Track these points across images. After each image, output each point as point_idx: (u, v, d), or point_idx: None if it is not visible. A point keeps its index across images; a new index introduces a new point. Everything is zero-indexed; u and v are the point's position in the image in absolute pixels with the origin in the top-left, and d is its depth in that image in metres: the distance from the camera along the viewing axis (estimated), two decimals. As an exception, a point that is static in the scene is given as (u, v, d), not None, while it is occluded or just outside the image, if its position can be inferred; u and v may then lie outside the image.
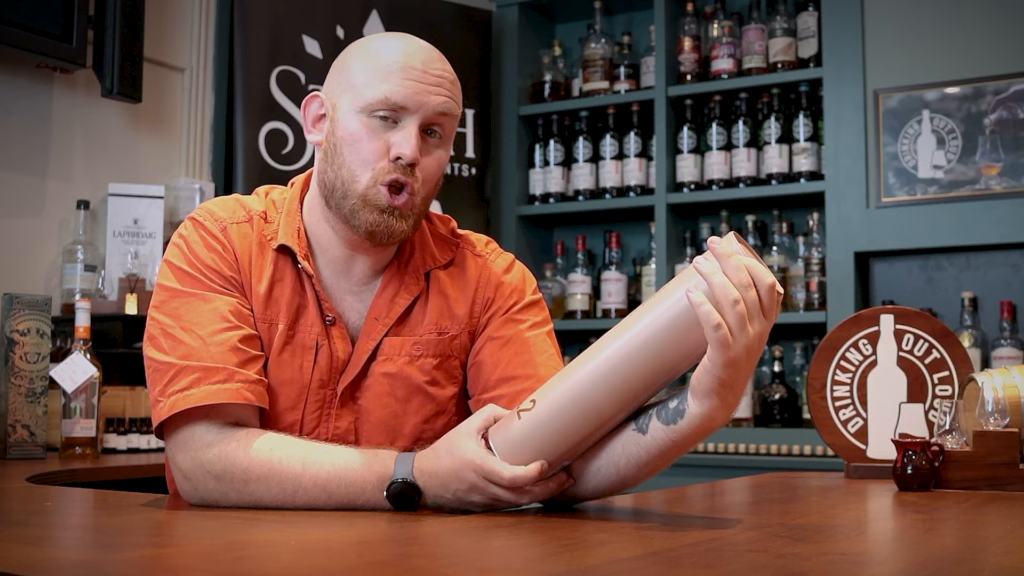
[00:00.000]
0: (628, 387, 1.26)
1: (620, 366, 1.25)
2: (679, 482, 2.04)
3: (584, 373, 1.28)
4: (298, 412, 1.49)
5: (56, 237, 3.09)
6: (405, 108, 1.45)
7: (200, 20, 3.48)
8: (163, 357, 1.42)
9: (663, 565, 1.01)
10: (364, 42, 1.54)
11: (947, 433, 1.85)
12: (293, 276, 1.52)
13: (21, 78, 3.00)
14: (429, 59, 1.50)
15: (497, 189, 3.98)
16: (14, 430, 2.39)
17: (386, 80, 1.45)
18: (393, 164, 1.46)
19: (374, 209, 1.46)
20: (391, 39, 1.52)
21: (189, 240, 1.50)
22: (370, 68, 1.47)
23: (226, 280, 1.48)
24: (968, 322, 3.26)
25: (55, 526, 1.29)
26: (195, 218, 1.52)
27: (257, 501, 1.36)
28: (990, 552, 1.19)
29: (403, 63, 1.47)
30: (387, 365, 1.52)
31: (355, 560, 1.03)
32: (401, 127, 1.46)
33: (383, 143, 1.46)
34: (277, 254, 1.51)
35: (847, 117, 3.41)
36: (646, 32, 3.90)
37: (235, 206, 1.54)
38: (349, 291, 1.54)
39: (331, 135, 1.49)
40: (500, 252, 1.65)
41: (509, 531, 1.20)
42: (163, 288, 1.48)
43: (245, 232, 1.51)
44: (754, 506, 1.64)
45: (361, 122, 1.46)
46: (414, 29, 4.11)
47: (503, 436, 1.32)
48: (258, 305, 1.49)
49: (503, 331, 1.57)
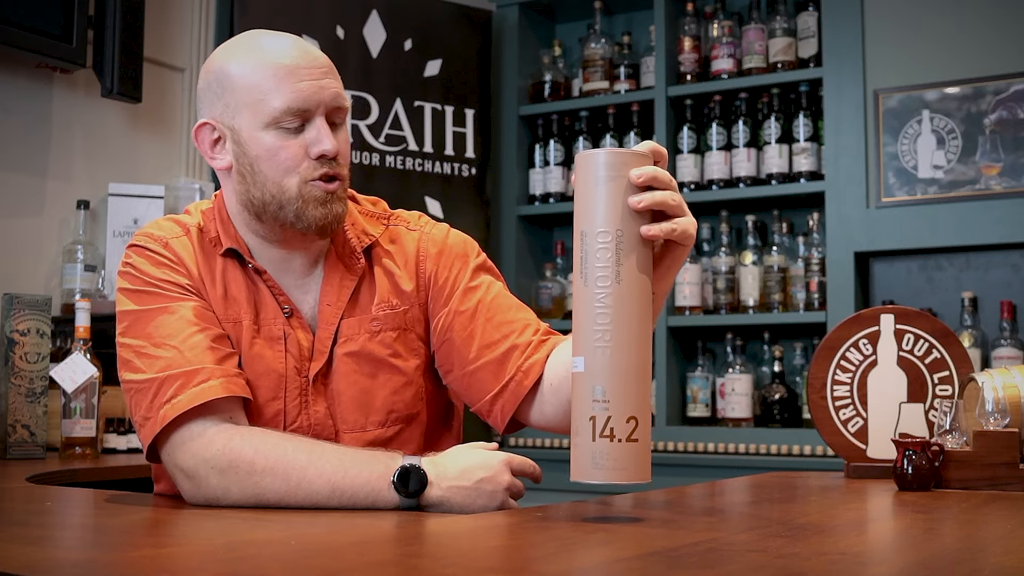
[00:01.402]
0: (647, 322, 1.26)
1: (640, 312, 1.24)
2: (679, 482, 2.04)
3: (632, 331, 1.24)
4: (280, 402, 1.52)
5: (56, 237, 3.09)
6: (307, 110, 1.49)
7: (200, 20, 3.49)
8: (142, 376, 1.45)
9: (663, 565, 1.01)
10: (231, 56, 1.53)
11: (947, 433, 1.85)
12: (243, 276, 1.56)
13: (21, 78, 3.00)
14: (306, 54, 1.52)
15: (497, 189, 3.98)
16: (14, 430, 2.39)
17: (280, 90, 1.48)
18: (317, 161, 1.50)
19: (316, 204, 1.51)
20: (258, 45, 1.52)
21: (136, 264, 1.54)
22: (258, 82, 1.49)
23: (183, 288, 1.52)
24: (968, 322, 3.26)
25: (55, 526, 1.29)
26: (135, 244, 1.57)
27: (260, 494, 1.37)
28: (990, 552, 1.19)
29: (289, 66, 1.48)
30: (349, 345, 1.56)
31: (355, 560, 1.03)
32: (310, 127, 1.50)
33: (299, 147, 1.50)
34: (223, 259, 1.56)
35: (847, 117, 3.41)
36: (646, 32, 3.90)
37: (169, 224, 1.60)
38: (294, 286, 1.58)
39: (242, 157, 1.52)
40: (434, 224, 1.69)
41: (509, 531, 1.20)
42: (125, 314, 1.51)
43: (185, 244, 1.56)
44: (754, 506, 1.64)
45: (271, 136, 1.49)
46: (414, 29, 4.09)
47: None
48: (218, 307, 1.53)
49: (466, 304, 1.60)
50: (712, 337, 3.72)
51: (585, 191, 1.23)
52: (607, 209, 1.22)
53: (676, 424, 3.61)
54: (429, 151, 3.74)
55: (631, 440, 1.21)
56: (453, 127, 3.80)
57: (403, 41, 3.72)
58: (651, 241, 1.23)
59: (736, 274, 3.62)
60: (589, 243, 1.22)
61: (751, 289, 3.57)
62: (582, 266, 1.23)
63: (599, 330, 1.21)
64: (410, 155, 3.71)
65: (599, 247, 1.22)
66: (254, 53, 1.50)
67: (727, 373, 3.58)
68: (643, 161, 1.23)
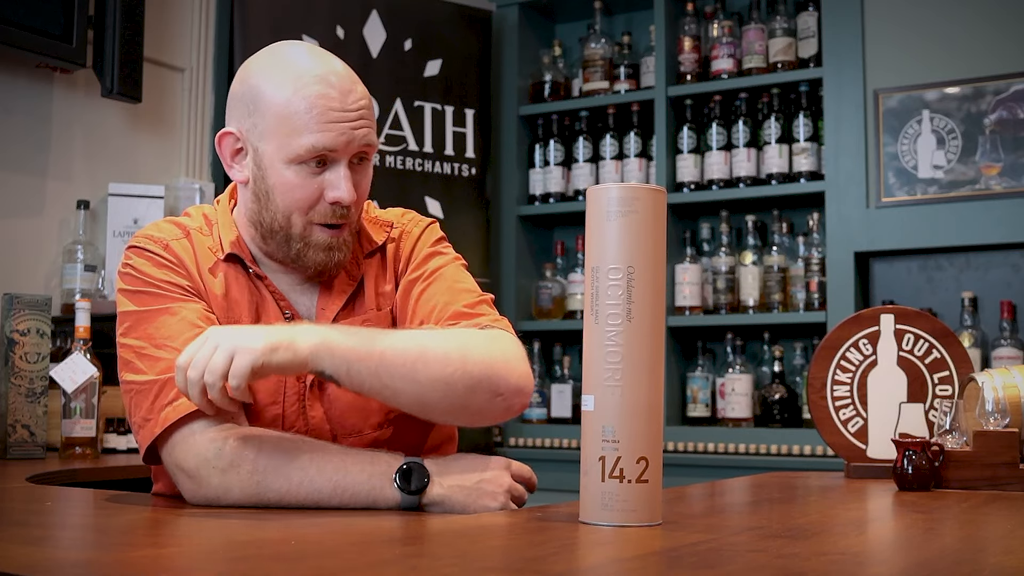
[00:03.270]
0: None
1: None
2: (679, 482, 2.04)
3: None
4: (278, 407, 1.51)
5: (56, 237, 3.09)
6: (334, 151, 1.47)
7: (200, 20, 3.48)
8: (143, 377, 1.45)
9: (663, 565, 1.01)
10: (269, 75, 1.49)
11: (947, 433, 1.85)
12: (244, 279, 1.56)
13: (21, 78, 3.00)
14: (344, 88, 1.48)
15: (497, 189, 3.98)
16: (14, 430, 2.39)
17: (310, 129, 1.45)
18: (331, 206, 1.49)
19: (319, 249, 1.52)
20: (297, 71, 1.48)
21: (136, 266, 1.53)
22: (290, 115, 1.46)
23: (184, 289, 1.52)
24: (968, 322, 3.26)
25: (55, 526, 1.29)
26: (134, 246, 1.56)
27: (261, 494, 1.37)
28: (990, 552, 1.19)
29: (325, 105, 1.45)
30: None
31: (355, 560, 1.03)
32: (332, 170, 1.49)
33: (316, 188, 1.49)
34: (225, 262, 1.56)
35: (847, 117, 3.41)
36: (646, 32, 3.90)
37: (169, 226, 1.59)
38: (293, 288, 1.59)
39: (260, 180, 1.51)
40: (417, 221, 1.68)
41: (509, 531, 1.20)
42: (126, 315, 1.51)
43: (186, 246, 1.56)
44: (754, 506, 1.64)
45: (292, 172, 1.48)
46: (414, 29, 4.08)
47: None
48: (219, 309, 1.53)
49: (404, 295, 1.60)
50: (712, 337, 3.72)
51: (596, 226, 1.22)
52: (619, 245, 1.21)
53: (676, 424, 3.61)
54: (429, 151, 3.74)
55: (641, 481, 1.20)
56: (453, 127, 3.80)
57: (403, 41, 3.72)
58: (663, 278, 1.23)
59: (736, 274, 3.62)
60: (600, 279, 1.21)
61: (751, 289, 3.57)
62: (593, 303, 1.22)
63: (609, 368, 1.20)
64: (410, 155, 3.71)
65: (610, 283, 1.21)
66: (292, 80, 1.47)
67: (727, 373, 3.58)
68: (658, 196, 1.23)
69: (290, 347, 1.33)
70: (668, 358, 3.61)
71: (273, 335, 1.33)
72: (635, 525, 1.19)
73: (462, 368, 1.39)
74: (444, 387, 1.39)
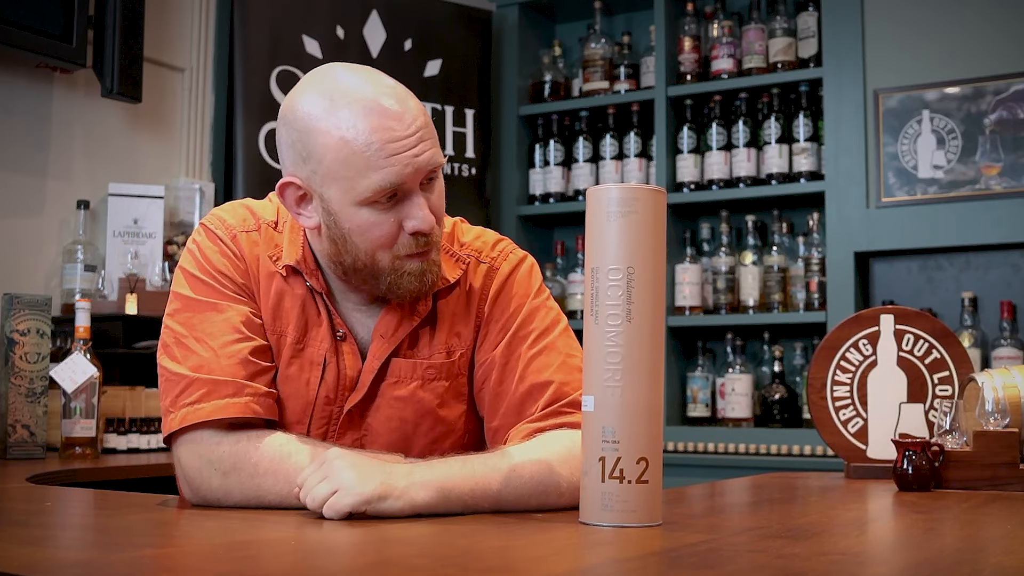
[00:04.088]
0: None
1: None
2: (679, 482, 2.04)
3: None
4: (303, 427, 1.48)
5: (56, 237, 3.09)
6: (403, 183, 1.38)
7: (200, 20, 3.48)
8: (176, 367, 1.43)
9: (663, 565, 1.01)
10: (315, 114, 1.38)
11: (947, 433, 1.85)
12: (303, 289, 1.50)
13: (21, 78, 3.00)
14: (397, 113, 1.38)
15: (497, 189, 3.98)
16: (14, 430, 2.39)
17: (371, 167, 1.36)
18: (412, 237, 1.42)
19: (412, 278, 1.45)
20: (343, 103, 1.37)
21: (202, 247, 1.50)
22: (347, 157, 1.36)
23: (238, 287, 1.48)
24: (968, 322, 3.26)
25: (55, 526, 1.29)
26: (206, 225, 1.52)
27: (261, 496, 1.36)
28: (990, 552, 1.19)
29: (380, 139, 1.36)
30: (399, 388, 1.50)
31: (355, 560, 1.03)
32: (406, 202, 1.41)
33: (394, 223, 1.41)
34: (287, 266, 1.51)
35: (847, 117, 3.41)
36: (646, 32, 3.90)
37: (245, 213, 1.53)
38: (355, 308, 1.53)
39: (333, 226, 1.42)
40: (507, 255, 1.59)
41: (509, 531, 1.20)
42: (177, 296, 1.48)
43: (255, 240, 1.51)
44: (754, 506, 1.64)
45: (364, 213, 1.40)
46: (414, 29, 4.08)
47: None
48: (267, 315, 1.49)
49: (505, 354, 1.51)
50: (712, 337, 3.72)
51: (596, 227, 1.22)
52: (619, 245, 1.21)
53: (676, 424, 3.61)
54: (429, 151, 3.74)
55: (641, 481, 1.20)
56: (453, 127, 3.80)
57: (403, 41, 3.71)
58: (662, 279, 1.21)
59: (736, 274, 3.62)
60: (600, 280, 1.21)
61: (751, 289, 3.57)
62: (593, 303, 1.22)
63: (609, 369, 1.21)
64: (410, 155, 3.70)
65: (610, 284, 1.21)
66: (341, 115, 1.36)
67: (727, 373, 3.58)
68: (658, 196, 1.22)
69: (403, 496, 1.26)
70: (668, 358, 3.61)
71: (389, 477, 1.26)
72: (635, 525, 1.19)
73: (564, 497, 1.36)
74: (539, 506, 1.36)
